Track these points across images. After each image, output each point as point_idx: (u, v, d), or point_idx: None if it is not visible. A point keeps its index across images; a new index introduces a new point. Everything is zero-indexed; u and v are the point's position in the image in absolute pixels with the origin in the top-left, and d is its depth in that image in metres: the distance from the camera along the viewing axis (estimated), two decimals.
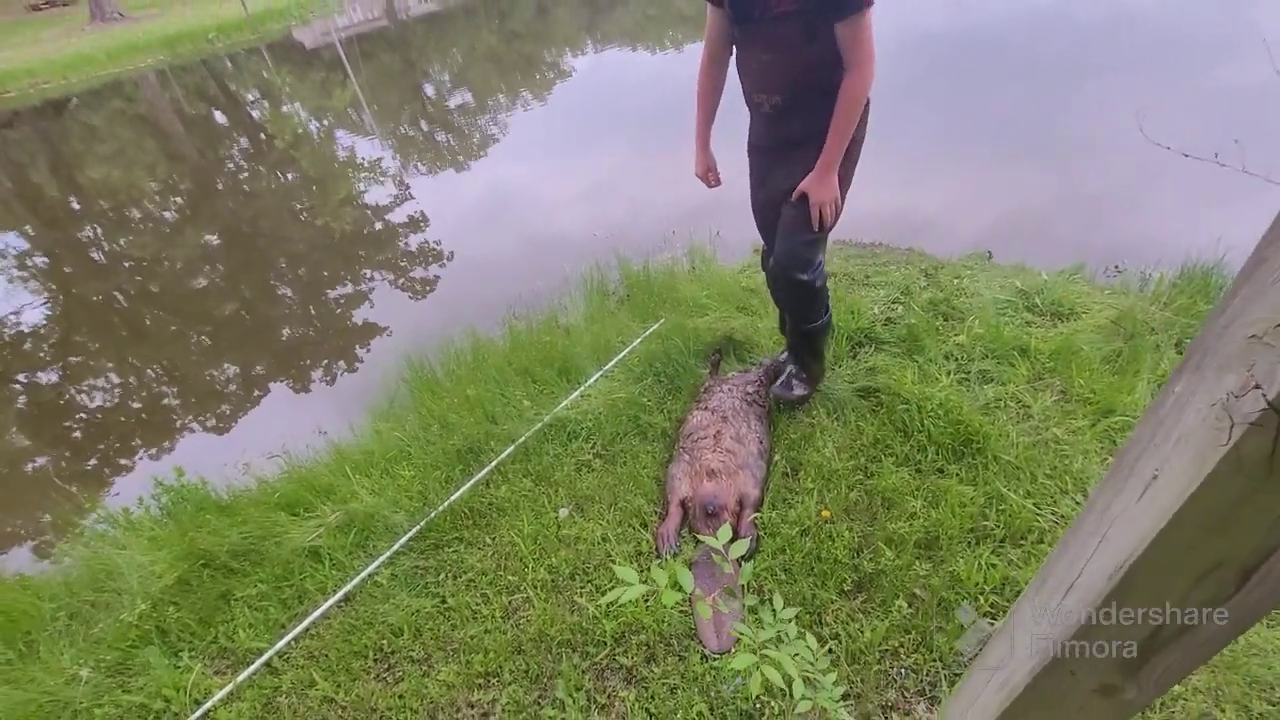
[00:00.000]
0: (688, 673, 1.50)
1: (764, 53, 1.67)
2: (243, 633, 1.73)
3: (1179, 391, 0.45)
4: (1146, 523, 0.46)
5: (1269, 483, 0.39)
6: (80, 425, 3.82)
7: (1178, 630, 0.50)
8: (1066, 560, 0.57)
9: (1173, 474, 0.44)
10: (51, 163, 9.39)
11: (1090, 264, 2.96)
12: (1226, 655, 1.40)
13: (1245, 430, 0.37)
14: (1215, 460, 0.40)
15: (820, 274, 1.90)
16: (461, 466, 2.17)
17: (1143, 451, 0.48)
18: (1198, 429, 0.42)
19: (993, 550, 1.65)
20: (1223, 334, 0.41)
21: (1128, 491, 0.49)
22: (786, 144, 1.78)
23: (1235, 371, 0.39)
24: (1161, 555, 0.46)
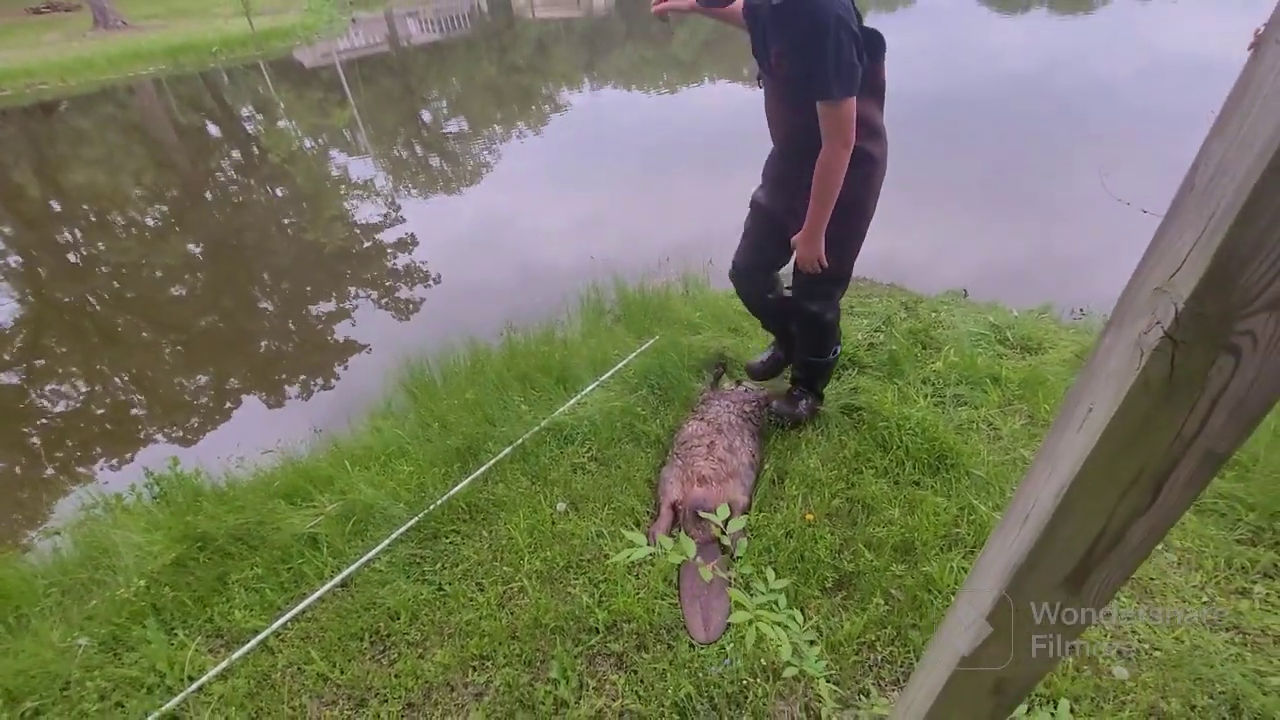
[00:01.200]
0: (676, 659, 1.58)
1: (770, 99, 1.80)
2: (239, 613, 1.77)
3: (1107, 342, 0.58)
4: (1081, 447, 0.59)
5: (1169, 400, 0.51)
6: (63, 429, 3.79)
7: (1111, 540, 0.62)
8: (1023, 496, 0.69)
9: (1101, 403, 0.56)
10: (36, 164, 9.35)
11: (1056, 305, 3.17)
12: (1173, 655, 1.52)
13: (1150, 357, 0.50)
14: (1129, 384, 0.52)
15: (831, 308, 2.01)
16: (460, 464, 2.24)
17: (1081, 393, 0.61)
18: (1120, 366, 0.55)
19: (964, 555, 1.76)
20: (1136, 292, 0.54)
21: (1070, 426, 0.62)
22: (786, 181, 1.88)
23: (1145, 317, 0.52)
24: (1094, 472, 0.58)
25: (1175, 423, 0.53)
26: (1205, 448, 0.53)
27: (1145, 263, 0.54)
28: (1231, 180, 0.44)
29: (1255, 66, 0.43)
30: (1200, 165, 0.48)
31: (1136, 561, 0.64)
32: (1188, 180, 0.49)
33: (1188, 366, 0.50)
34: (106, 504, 2.27)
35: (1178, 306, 0.48)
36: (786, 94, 1.69)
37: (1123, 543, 0.62)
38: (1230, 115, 0.45)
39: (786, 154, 1.85)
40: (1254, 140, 0.43)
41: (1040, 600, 0.71)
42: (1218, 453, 0.53)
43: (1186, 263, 0.48)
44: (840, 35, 1.47)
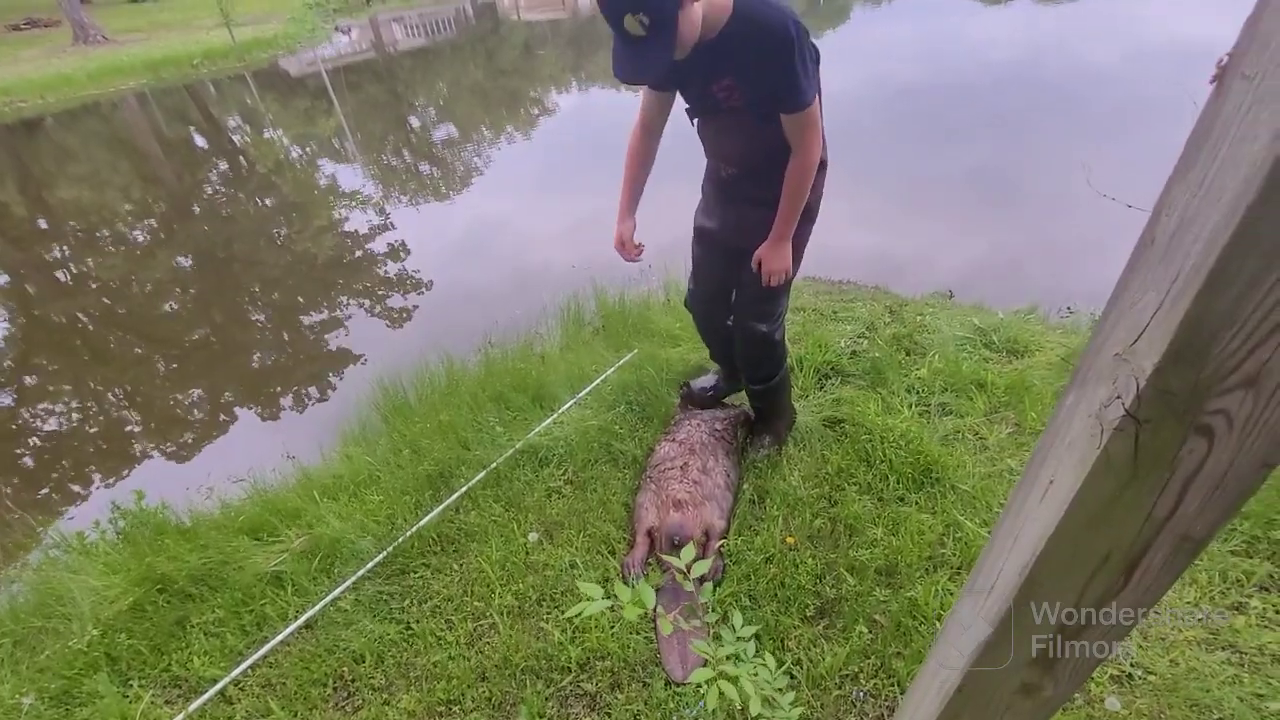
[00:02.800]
0: (651, 699, 1.51)
1: (719, 133, 1.73)
2: (197, 660, 1.69)
3: (1069, 403, 0.51)
4: (1045, 521, 0.52)
5: (1135, 481, 0.45)
6: (36, 449, 3.71)
7: (1081, 625, 0.56)
8: (990, 560, 0.62)
9: (1064, 476, 0.50)
10: (21, 182, 9.24)
11: (1043, 305, 3.11)
12: (1167, 679, 1.45)
13: (1111, 435, 0.43)
14: (1091, 461, 0.45)
15: (779, 327, 1.93)
16: (431, 491, 2.16)
17: (1045, 457, 0.54)
18: (1081, 436, 0.48)
19: (950, 577, 1.70)
20: (1098, 352, 0.47)
21: (1034, 494, 0.55)
22: (746, 201, 1.80)
23: (1105, 384, 0.45)
24: (1059, 550, 0.51)
25: (1144, 504, 0.46)
26: (1180, 532, 0.47)
27: (1106, 321, 0.47)
28: (1197, 238, 0.37)
29: (1219, 104, 0.36)
30: (1161, 216, 0.41)
31: (1114, 645, 0.57)
32: (1147, 232, 0.42)
33: (1154, 447, 0.43)
34: (67, 544, 2.19)
35: (1139, 382, 0.41)
36: (744, 120, 1.62)
37: (1094, 626, 0.55)
38: (1193, 159, 0.38)
39: (744, 175, 1.77)
40: (1221, 192, 0.36)
41: (1011, 678, 0.64)
42: (1194, 538, 0.47)
43: (1148, 330, 0.41)
44: (801, 41, 1.43)
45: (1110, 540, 0.49)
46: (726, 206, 1.88)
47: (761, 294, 1.82)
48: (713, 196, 1.93)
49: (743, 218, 1.82)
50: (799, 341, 2.69)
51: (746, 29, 1.44)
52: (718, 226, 1.92)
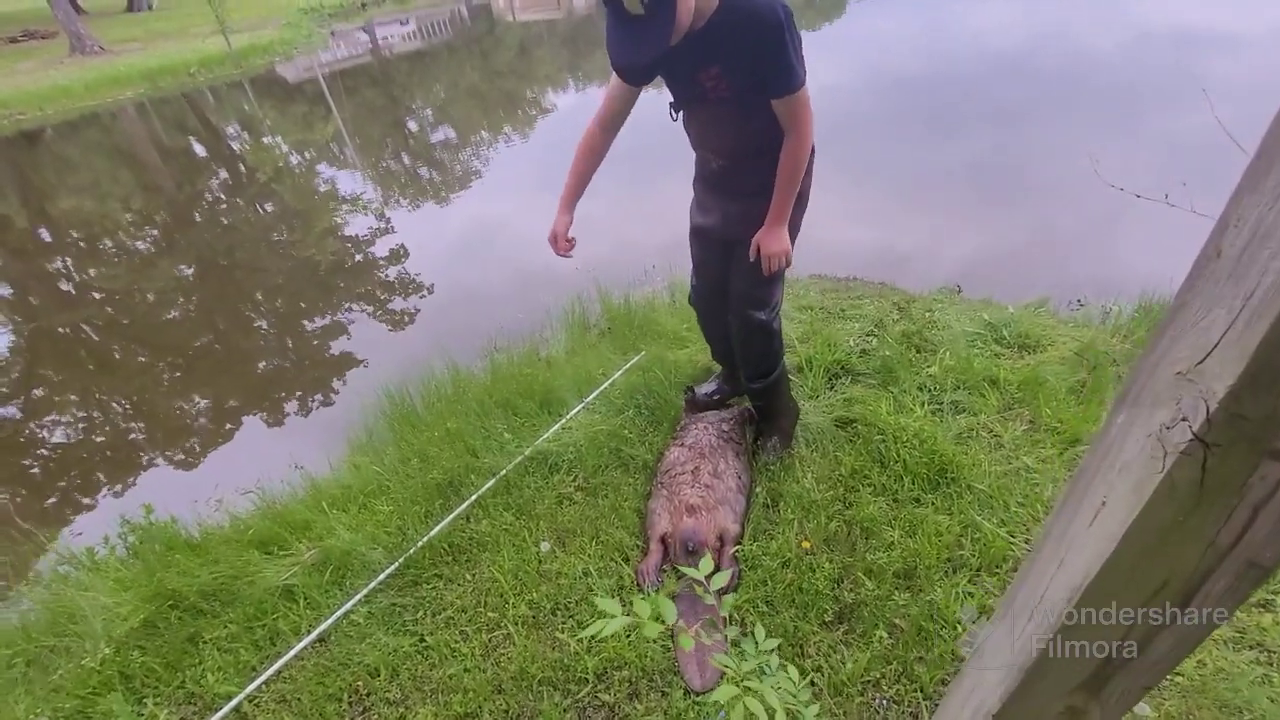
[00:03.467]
0: (670, 709, 1.49)
1: (706, 125, 1.72)
2: (211, 676, 1.68)
3: (1120, 423, 0.48)
4: (1097, 547, 0.49)
5: (1200, 508, 0.42)
6: (43, 462, 3.70)
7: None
8: (1030, 584, 0.60)
9: (1117, 500, 0.47)
10: (22, 194, 9.25)
11: (1054, 298, 3.08)
12: (1195, 680, 1.43)
13: (1176, 459, 0.41)
14: (1152, 488, 0.43)
15: (776, 315, 1.92)
16: (441, 501, 2.15)
17: (1092, 479, 0.51)
18: (1137, 458, 0.45)
19: (969, 579, 1.68)
20: (1154, 371, 0.44)
21: (1080, 517, 0.52)
22: (738, 194, 1.80)
23: (1166, 405, 0.43)
24: (1112, 578, 0.49)
25: (1208, 531, 0.44)
26: (1246, 558, 0.44)
27: (1163, 336, 0.44)
28: (1275, 254, 0.35)
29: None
30: (1229, 227, 0.38)
31: (1164, 670, 0.55)
32: (1211, 244, 0.40)
33: (1223, 473, 0.41)
34: (78, 561, 2.18)
35: (1209, 405, 0.38)
36: (732, 110, 1.61)
37: (1147, 654, 0.53)
38: (1268, 169, 0.36)
39: (734, 167, 1.76)
40: None
41: (1053, 702, 0.62)
42: (1261, 565, 0.44)
43: (1218, 350, 0.38)
44: (789, 25, 1.43)
45: (1168, 567, 0.47)
46: (718, 201, 1.87)
47: (757, 281, 1.81)
48: (704, 193, 1.93)
49: (734, 210, 1.82)
50: (808, 341, 2.67)
51: (735, 17, 1.44)
52: (711, 222, 1.91)
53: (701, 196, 1.94)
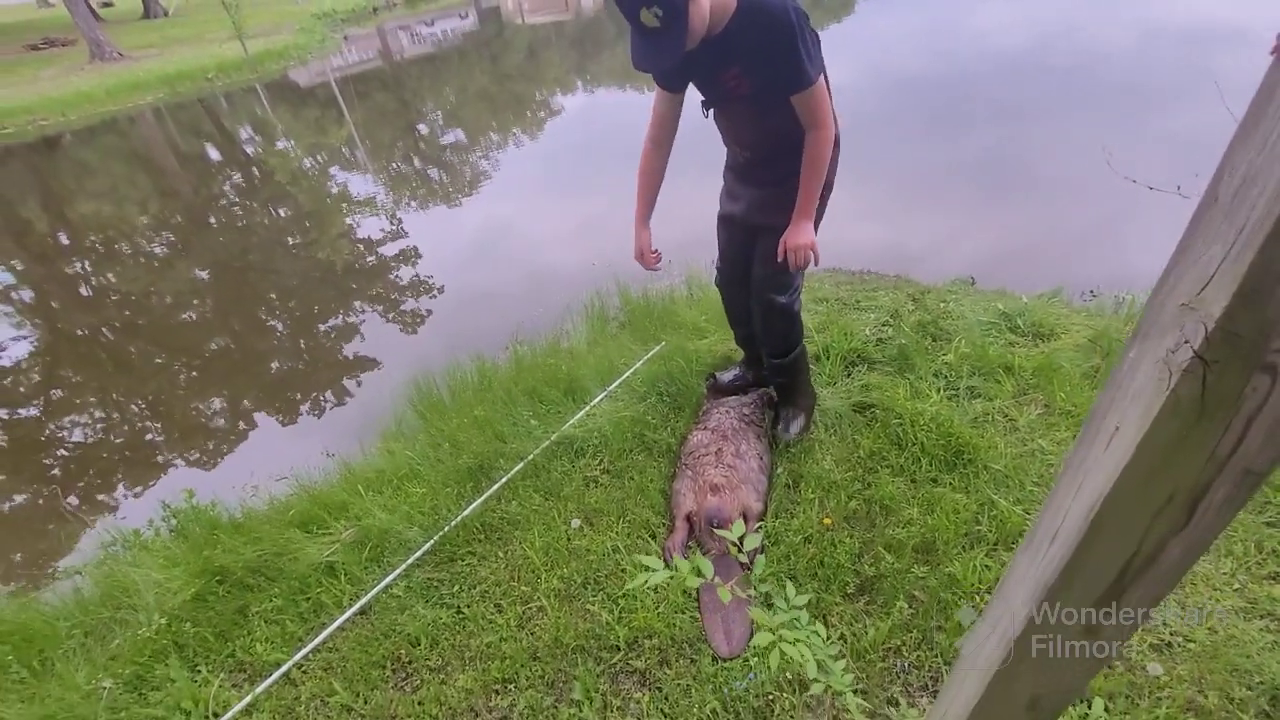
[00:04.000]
0: (699, 674, 1.56)
1: (732, 119, 1.83)
2: (260, 646, 1.76)
3: (1132, 357, 0.55)
4: (1110, 467, 0.56)
5: (1201, 421, 0.49)
6: (79, 458, 3.82)
7: (1144, 563, 0.60)
8: (1050, 513, 0.67)
9: (1129, 424, 0.54)
10: (43, 198, 9.45)
11: (1067, 289, 3.13)
12: (1207, 646, 1.48)
13: (1180, 378, 0.48)
14: (1159, 406, 0.50)
15: (797, 298, 2.01)
16: (472, 484, 2.23)
17: (1107, 410, 0.58)
18: (1146, 384, 0.52)
19: (986, 553, 1.73)
20: (1161, 306, 0.51)
21: (1097, 445, 0.59)
22: (763, 183, 1.90)
23: (1171, 333, 0.49)
24: (1125, 493, 0.56)
25: (1208, 443, 0.51)
26: (1242, 467, 0.51)
27: (1169, 275, 0.51)
28: (1261, 192, 0.42)
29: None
30: (1224, 175, 0.46)
31: (1173, 580, 0.62)
32: (1210, 191, 0.47)
33: (1220, 387, 0.47)
34: (125, 540, 2.28)
35: (1207, 326, 0.45)
36: (754, 107, 1.72)
37: (1157, 563, 0.59)
38: (1255, 123, 0.43)
39: (758, 159, 1.87)
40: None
41: (1072, 619, 0.69)
42: (1256, 471, 0.51)
43: (1215, 278, 0.45)
44: (802, 25, 1.52)
45: (1174, 480, 0.54)
46: (745, 188, 1.98)
47: (778, 266, 1.89)
48: (732, 180, 2.04)
49: (760, 197, 1.93)
50: (824, 330, 2.73)
51: (749, 21, 1.53)
52: (738, 209, 2.02)
53: (731, 185, 2.05)
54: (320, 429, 3.70)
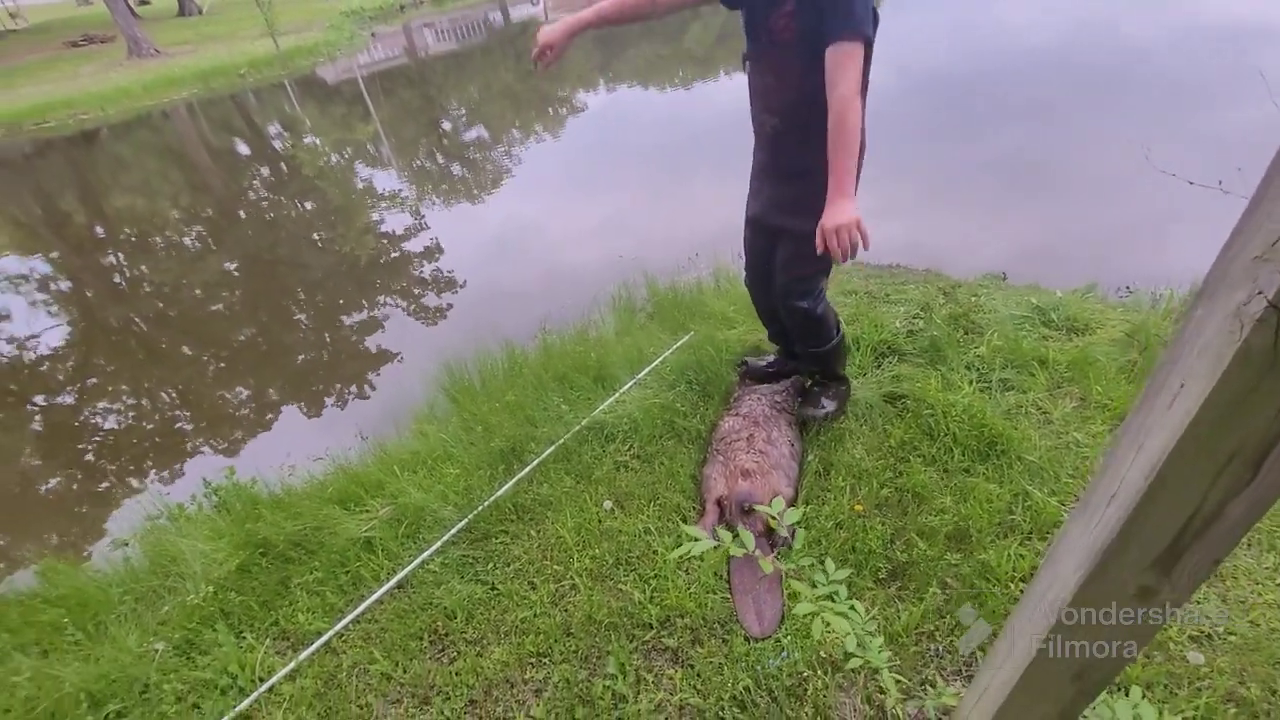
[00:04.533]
0: (731, 653, 1.58)
1: (767, 74, 1.74)
2: (302, 616, 1.82)
3: (1199, 315, 0.56)
4: (1174, 424, 0.57)
5: (1272, 372, 0.50)
6: (120, 444, 3.95)
7: (1204, 522, 0.61)
8: (1109, 474, 0.68)
9: (1195, 380, 0.55)
10: (80, 191, 9.73)
11: (1101, 285, 3.08)
12: (1249, 638, 1.47)
13: (1253, 327, 0.49)
14: (1229, 357, 0.51)
15: (820, 300, 1.98)
16: (504, 466, 2.27)
17: (1170, 369, 0.59)
18: (1214, 339, 0.53)
19: (1021, 542, 1.73)
20: (1231, 263, 0.52)
21: (1159, 404, 0.60)
22: (787, 173, 1.84)
23: (1243, 287, 0.50)
24: (1188, 449, 0.57)
25: (1278, 397, 0.52)
26: None
27: (1239, 234, 0.52)
28: None
29: None
30: None
31: (1232, 541, 0.62)
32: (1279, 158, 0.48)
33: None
34: (170, 513, 2.36)
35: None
36: (793, 58, 1.62)
37: (1219, 522, 0.60)
38: None
39: (786, 129, 1.77)
40: None
41: (1128, 583, 0.69)
42: None
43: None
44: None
45: (1240, 435, 0.55)
46: (766, 183, 1.95)
47: (798, 273, 1.91)
48: (756, 174, 2.01)
49: (778, 194, 1.90)
50: (854, 322, 2.73)
51: None
52: (758, 208, 2.02)
53: (754, 181, 2.03)
54: (350, 416, 3.78)
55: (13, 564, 2.85)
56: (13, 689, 1.68)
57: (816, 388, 2.27)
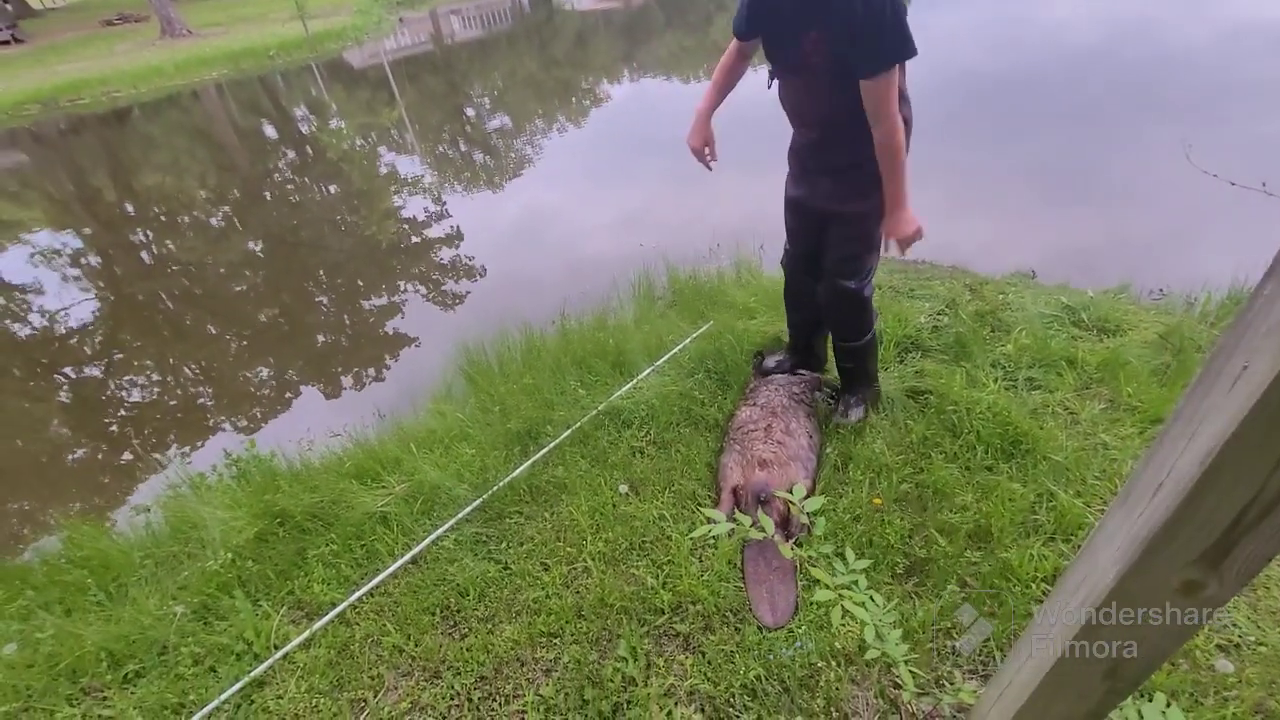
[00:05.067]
0: (743, 642, 1.56)
1: (798, 92, 1.75)
2: (318, 586, 1.84)
3: (1268, 293, 0.53)
4: (1235, 408, 0.54)
5: None
6: (152, 411, 4.02)
7: (1260, 513, 0.58)
8: (1156, 461, 0.65)
9: (1261, 360, 0.52)
10: (111, 169, 9.90)
11: (1134, 286, 3.00)
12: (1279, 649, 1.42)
13: None
14: None
15: (868, 284, 1.96)
16: (519, 447, 2.27)
17: (1233, 351, 0.56)
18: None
19: (1044, 543, 1.69)
20: None
21: (1217, 388, 0.57)
22: (834, 168, 1.83)
23: None
24: (1250, 435, 0.54)
25: None
26: None
27: None
28: None
29: None
30: None
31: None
32: None
33: None
34: (191, 482, 2.40)
35: None
36: (824, 81, 1.63)
37: (1273, 514, 0.57)
38: None
39: (826, 139, 1.80)
40: None
41: (1171, 577, 0.67)
42: None
43: None
44: (895, 7, 1.44)
45: None
46: (810, 175, 1.93)
47: (850, 251, 1.88)
48: (797, 166, 1.99)
49: (826, 185, 1.88)
50: (877, 316, 2.68)
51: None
52: (804, 193, 1.98)
53: (795, 169, 2.00)
54: (369, 396, 3.81)
55: (39, 528, 2.92)
56: (36, 645, 1.72)
57: (848, 393, 2.22)
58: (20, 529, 2.85)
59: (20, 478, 3.39)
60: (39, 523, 3.01)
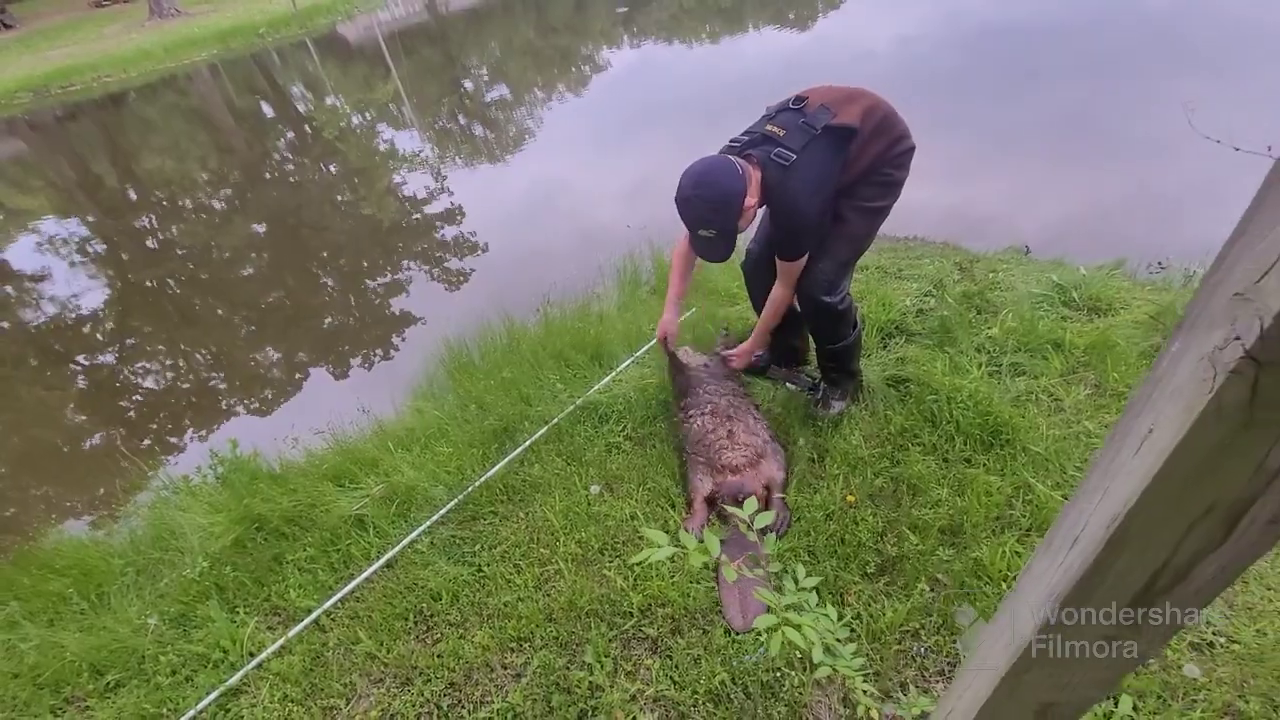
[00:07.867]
0: (711, 645, 1.56)
1: None
2: (293, 592, 1.85)
3: (1175, 350, 0.48)
4: (1141, 472, 0.50)
5: (1248, 429, 0.43)
6: (136, 404, 4.06)
7: (1173, 577, 0.54)
8: (1073, 515, 0.61)
9: (1165, 425, 0.48)
10: (111, 155, 9.85)
11: (1132, 260, 2.90)
12: (1253, 648, 1.39)
13: (1226, 379, 0.41)
14: (1200, 408, 0.43)
15: (844, 297, 1.93)
16: (497, 445, 2.26)
17: (1142, 409, 0.52)
18: (1188, 382, 0.46)
19: (1018, 539, 1.66)
20: (1212, 293, 0.44)
21: (1127, 446, 0.53)
22: None
23: (1221, 327, 0.43)
24: (1154, 502, 0.50)
25: (1255, 454, 0.44)
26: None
27: (1224, 258, 0.44)
28: None
29: None
30: None
31: (1205, 600, 0.55)
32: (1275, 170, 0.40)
33: (1274, 392, 0.41)
34: (175, 486, 2.41)
35: (1263, 321, 0.39)
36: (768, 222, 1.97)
37: (1187, 581, 0.53)
38: None
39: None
40: None
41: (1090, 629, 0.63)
42: None
43: (1277, 265, 0.38)
44: (804, 223, 1.77)
45: (1214, 492, 0.47)
46: None
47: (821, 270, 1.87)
48: None
49: None
50: (862, 300, 2.62)
51: (781, 192, 1.76)
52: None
53: None
54: (357, 385, 3.81)
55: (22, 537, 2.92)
56: (20, 656, 1.75)
57: (826, 386, 2.18)
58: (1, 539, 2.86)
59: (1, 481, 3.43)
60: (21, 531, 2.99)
